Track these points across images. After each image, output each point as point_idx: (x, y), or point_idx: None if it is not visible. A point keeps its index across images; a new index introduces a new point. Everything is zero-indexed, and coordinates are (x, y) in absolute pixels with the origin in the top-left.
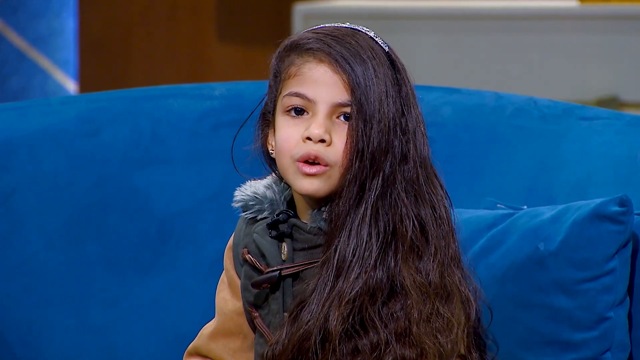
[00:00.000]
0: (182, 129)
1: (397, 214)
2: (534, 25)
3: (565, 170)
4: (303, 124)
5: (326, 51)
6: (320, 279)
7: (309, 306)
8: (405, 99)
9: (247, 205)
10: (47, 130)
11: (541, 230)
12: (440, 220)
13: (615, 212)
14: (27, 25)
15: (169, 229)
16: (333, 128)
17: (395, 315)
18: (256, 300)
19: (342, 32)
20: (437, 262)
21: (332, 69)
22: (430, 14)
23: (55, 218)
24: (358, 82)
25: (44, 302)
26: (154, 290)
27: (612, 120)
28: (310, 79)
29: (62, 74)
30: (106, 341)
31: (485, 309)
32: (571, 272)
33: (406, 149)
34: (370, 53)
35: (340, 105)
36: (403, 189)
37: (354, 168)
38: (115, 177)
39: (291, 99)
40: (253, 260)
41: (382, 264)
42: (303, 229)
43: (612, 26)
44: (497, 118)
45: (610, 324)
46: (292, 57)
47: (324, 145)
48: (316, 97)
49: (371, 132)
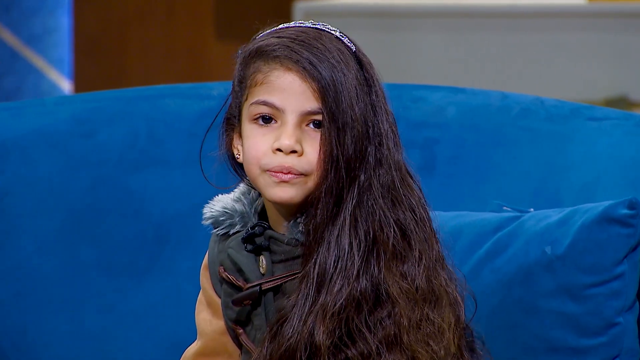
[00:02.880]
0: (180, 130)
1: (375, 220)
2: (540, 23)
3: (573, 172)
4: (272, 134)
5: (294, 59)
6: (300, 295)
7: (290, 321)
8: (375, 100)
9: (217, 221)
10: (41, 131)
11: (548, 233)
12: (421, 222)
13: (624, 215)
14: (20, 24)
15: (166, 233)
16: (303, 137)
17: (383, 323)
18: (239, 317)
19: (308, 35)
20: (423, 266)
21: (300, 77)
22: (434, 11)
23: (49, 221)
24: (328, 88)
25: (38, 307)
26: (150, 295)
27: (621, 120)
28: (279, 88)
29: (57, 74)
30: (101, 347)
31: (470, 301)
32: (579, 276)
33: (380, 153)
34: (338, 56)
35: (310, 114)
36: (380, 194)
37: (329, 178)
38: (111, 179)
39: (259, 107)
40: (230, 277)
41: (365, 273)
42: (281, 240)
43: (621, 24)
44: (502, 118)
45: (619, 330)
46: (257, 64)
47: (296, 155)
48: (285, 106)
49: (345, 139)
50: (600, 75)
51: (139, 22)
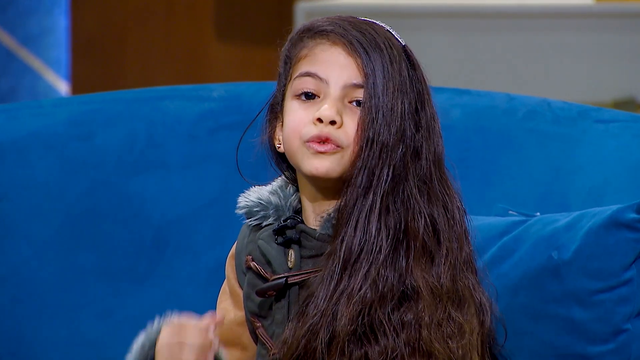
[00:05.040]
0: (179, 132)
1: (409, 212)
2: (547, 24)
3: (580, 176)
4: (314, 107)
5: (341, 33)
6: (326, 272)
7: (315, 300)
8: (419, 95)
9: (251, 211)
10: (38, 133)
11: (555, 238)
12: (452, 221)
13: (632, 219)
14: (17, 24)
15: (165, 237)
16: (345, 111)
17: (406, 322)
18: (260, 310)
19: (359, 21)
20: (449, 264)
21: (346, 52)
22: (438, 11)
23: (47, 225)
24: (373, 67)
25: (35, 313)
26: (149, 301)
27: (629, 123)
28: (323, 59)
29: (54, 75)
30: (100, 354)
31: (500, 327)
32: (586, 282)
33: (419, 145)
34: (387, 43)
35: (354, 87)
36: (415, 185)
37: (363, 155)
38: (109, 182)
39: (302, 81)
40: (258, 267)
41: (393, 265)
42: (312, 235)
43: (629, 25)
44: (509, 121)
45: (628, 337)
46: (304, 41)
47: (335, 127)
48: (328, 77)
49: (382, 121)
50: (608, 77)
51: (137, 22)
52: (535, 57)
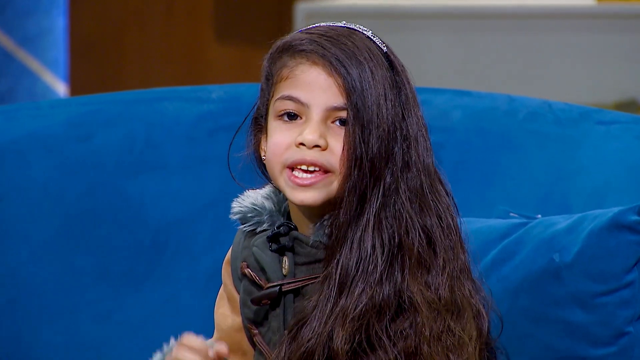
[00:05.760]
0: (178, 134)
1: (402, 225)
2: (548, 25)
3: (582, 178)
4: (296, 129)
5: (320, 53)
6: (321, 296)
7: (310, 324)
8: (405, 103)
9: (245, 217)
10: (36, 135)
11: (556, 240)
12: (447, 230)
13: (634, 221)
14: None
15: (164, 240)
16: (328, 133)
17: (404, 333)
18: (256, 317)
19: (338, 32)
20: (447, 275)
21: (326, 72)
22: (439, 12)
23: (44, 227)
24: (354, 85)
25: (32, 316)
26: (147, 304)
27: (631, 124)
28: (304, 82)
29: (52, 76)
30: (97, 357)
31: (496, 320)
32: (588, 284)
33: (408, 156)
34: (367, 54)
35: (336, 109)
36: (407, 198)
37: (353, 176)
38: (108, 184)
39: (283, 103)
40: (252, 275)
41: (389, 279)
42: (305, 242)
43: (631, 25)
44: (509, 122)
45: (630, 340)
46: (284, 59)
47: (319, 149)
48: (310, 100)
49: (369, 138)
50: (609, 78)
51: (136, 23)
52: (537, 58)
